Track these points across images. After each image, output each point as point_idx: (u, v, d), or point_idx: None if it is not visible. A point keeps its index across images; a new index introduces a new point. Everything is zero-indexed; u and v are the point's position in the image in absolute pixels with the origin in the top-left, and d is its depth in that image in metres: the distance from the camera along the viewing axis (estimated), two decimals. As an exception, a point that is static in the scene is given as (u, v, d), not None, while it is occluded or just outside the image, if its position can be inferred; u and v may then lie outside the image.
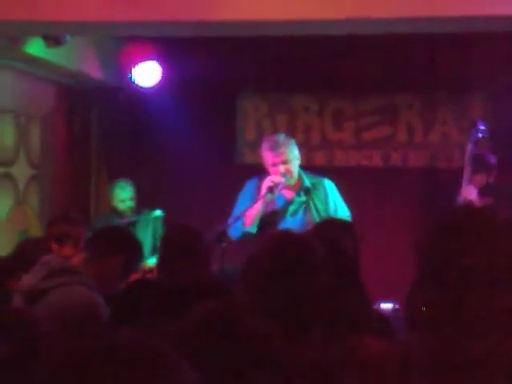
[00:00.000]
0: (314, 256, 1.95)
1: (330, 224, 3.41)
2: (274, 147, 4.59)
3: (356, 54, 5.95)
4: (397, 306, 4.06)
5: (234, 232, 4.54)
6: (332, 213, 4.56)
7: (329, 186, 4.69)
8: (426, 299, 1.48)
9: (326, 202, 4.61)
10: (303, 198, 4.64)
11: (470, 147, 5.27)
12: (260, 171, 4.89)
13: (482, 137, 5.28)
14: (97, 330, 2.58)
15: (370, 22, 3.93)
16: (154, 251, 5.27)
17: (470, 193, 5.19)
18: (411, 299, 1.54)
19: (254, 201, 4.54)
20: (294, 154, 4.62)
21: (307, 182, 4.65)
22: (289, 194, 4.66)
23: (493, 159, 5.39)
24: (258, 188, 4.61)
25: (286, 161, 4.56)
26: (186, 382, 1.07)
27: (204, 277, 2.19)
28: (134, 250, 3.24)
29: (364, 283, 2.29)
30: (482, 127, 5.26)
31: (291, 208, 4.66)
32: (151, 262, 5.07)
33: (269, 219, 4.57)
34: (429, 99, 6.19)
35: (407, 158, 6.23)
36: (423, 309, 1.47)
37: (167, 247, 3.42)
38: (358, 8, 3.87)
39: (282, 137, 4.72)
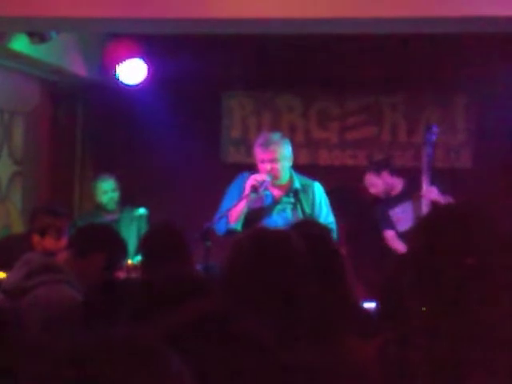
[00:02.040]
0: (293, 252, 1.92)
1: (309, 224, 3.43)
2: (265, 144, 4.58)
3: (341, 55, 5.96)
4: (379, 304, 4.05)
5: (219, 228, 4.54)
6: (317, 217, 4.56)
7: (318, 190, 4.68)
8: (423, 300, 1.48)
9: (313, 206, 4.62)
10: (291, 199, 4.64)
11: (427, 150, 5.32)
12: (244, 169, 4.90)
13: (436, 139, 5.35)
14: (78, 328, 2.57)
15: (365, 21, 3.93)
16: (138, 249, 5.26)
17: (431, 193, 5.25)
18: (407, 300, 1.53)
19: (242, 196, 4.54)
20: (284, 154, 4.60)
21: (297, 184, 4.65)
22: (277, 194, 4.66)
23: None
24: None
25: (274, 159, 4.55)
26: (179, 377, 1.07)
27: (190, 275, 2.19)
28: (117, 248, 3.23)
29: (351, 282, 2.29)
30: (436, 129, 5.33)
31: (278, 207, 4.66)
32: (136, 259, 5.05)
33: (254, 216, 4.58)
34: (414, 100, 6.22)
35: (391, 157, 6.26)
36: (423, 309, 1.47)
37: (149, 246, 3.41)
38: (354, 7, 3.87)
39: (276, 135, 4.70)
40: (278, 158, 4.56)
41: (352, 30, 4.34)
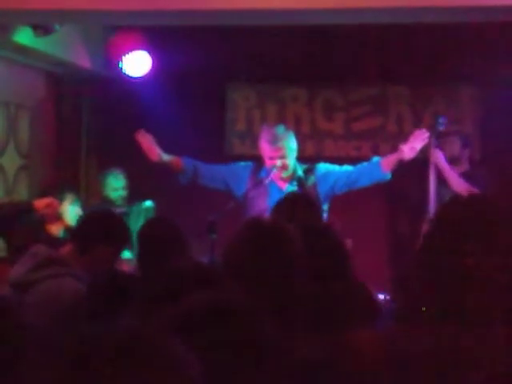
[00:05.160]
0: (288, 241, 1.93)
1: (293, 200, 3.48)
2: (273, 141, 4.62)
3: (346, 45, 5.94)
4: (388, 298, 4.06)
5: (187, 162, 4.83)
6: (325, 195, 4.61)
7: (320, 165, 4.74)
8: (424, 298, 1.47)
9: (315, 190, 4.66)
10: (294, 188, 4.68)
11: (433, 141, 5.33)
12: (250, 162, 4.93)
13: (443, 129, 5.37)
14: (83, 321, 2.56)
15: (367, 11, 3.92)
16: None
17: (437, 157, 5.32)
18: (409, 297, 1.53)
19: (243, 180, 4.68)
20: (291, 148, 4.67)
21: (300, 172, 4.70)
22: (282, 184, 4.71)
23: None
24: (253, 172, 4.68)
25: (283, 156, 4.62)
26: (187, 370, 1.07)
27: (194, 267, 2.18)
28: (122, 239, 3.20)
29: (350, 267, 2.28)
30: (443, 120, 5.34)
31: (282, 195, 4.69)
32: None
33: (255, 202, 4.65)
34: (420, 90, 6.19)
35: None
36: (423, 309, 1.46)
37: (143, 240, 3.36)
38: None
39: (281, 129, 4.72)
40: (287, 153, 4.64)
41: (355, 19, 4.32)
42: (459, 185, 5.34)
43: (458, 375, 1.43)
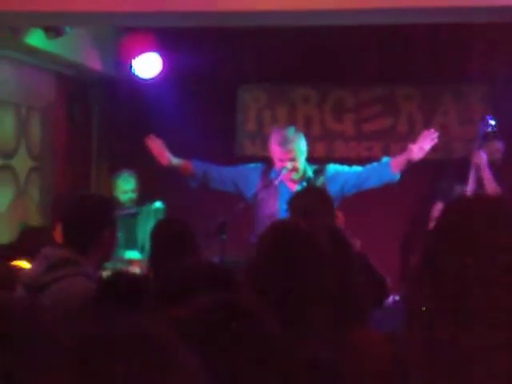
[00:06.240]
0: (318, 247, 1.94)
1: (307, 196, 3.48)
2: (283, 143, 4.62)
3: (356, 45, 5.94)
4: (397, 298, 4.05)
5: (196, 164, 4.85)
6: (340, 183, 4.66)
7: (330, 166, 4.74)
8: (425, 298, 1.47)
9: (325, 183, 4.68)
10: None
11: (477, 143, 5.19)
12: (260, 162, 4.93)
13: (491, 131, 5.18)
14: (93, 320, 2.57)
15: (373, 12, 3.92)
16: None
17: (480, 158, 5.17)
18: (411, 296, 1.53)
19: (253, 182, 4.69)
20: (301, 150, 4.68)
21: (309, 173, 4.71)
22: (292, 185, 4.72)
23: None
24: (263, 174, 4.69)
25: (293, 158, 4.63)
26: (185, 367, 1.07)
27: (206, 267, 2.19)
28: (114, 215, 3.11)
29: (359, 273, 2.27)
30: (491, 121, 5.17)
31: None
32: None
33: (266, 204, 4.66)
34: (430, 91, 6.18)
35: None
36: (423, 309, 1.46)
37: (154, 241, 3.34)
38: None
39: (291, 131, 4.73)
40: (297, 155, 4.65)
41: (362, 21, 4.32)
42: (493, 188, 5.23)
43: (459, 376, 1.43)
